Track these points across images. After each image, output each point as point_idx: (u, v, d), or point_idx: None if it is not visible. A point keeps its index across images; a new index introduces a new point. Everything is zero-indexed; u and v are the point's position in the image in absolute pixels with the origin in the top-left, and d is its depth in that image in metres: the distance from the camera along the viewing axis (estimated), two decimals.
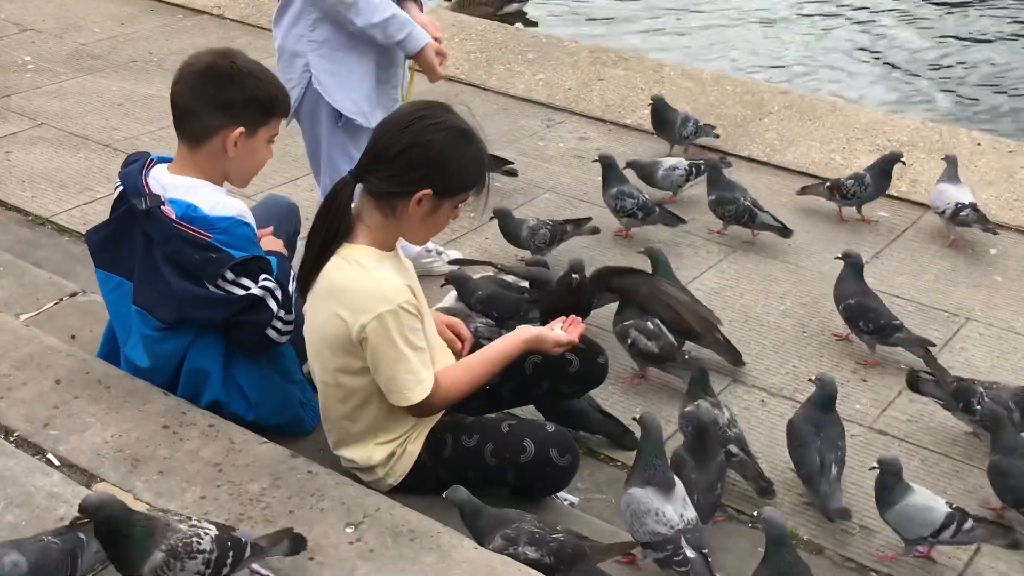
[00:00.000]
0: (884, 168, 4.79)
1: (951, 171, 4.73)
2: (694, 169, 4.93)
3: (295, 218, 3.40)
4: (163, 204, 2.77)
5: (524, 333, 2.80)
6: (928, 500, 2.96)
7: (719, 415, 3.24)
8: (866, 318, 3.85)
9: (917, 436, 3.59)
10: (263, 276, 2.80)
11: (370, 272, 2.56)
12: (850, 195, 4.81)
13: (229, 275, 2.76)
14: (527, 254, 4.37)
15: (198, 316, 2.79)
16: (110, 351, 3.08)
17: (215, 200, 2.81)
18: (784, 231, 4.62)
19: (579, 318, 2.92)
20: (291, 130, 3.83)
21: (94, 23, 6.98)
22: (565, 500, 3.06)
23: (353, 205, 2.64)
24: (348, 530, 2.48)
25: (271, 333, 2.81)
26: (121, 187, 2.88)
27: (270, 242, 3.06)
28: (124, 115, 5.73)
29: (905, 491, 2.94)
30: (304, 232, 3.06)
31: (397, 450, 2.77)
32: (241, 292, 2.77)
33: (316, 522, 2.49)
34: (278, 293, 2.80)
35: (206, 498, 2.54)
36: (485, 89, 6.26)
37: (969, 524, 2.94)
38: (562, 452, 2.77)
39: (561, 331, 2.84)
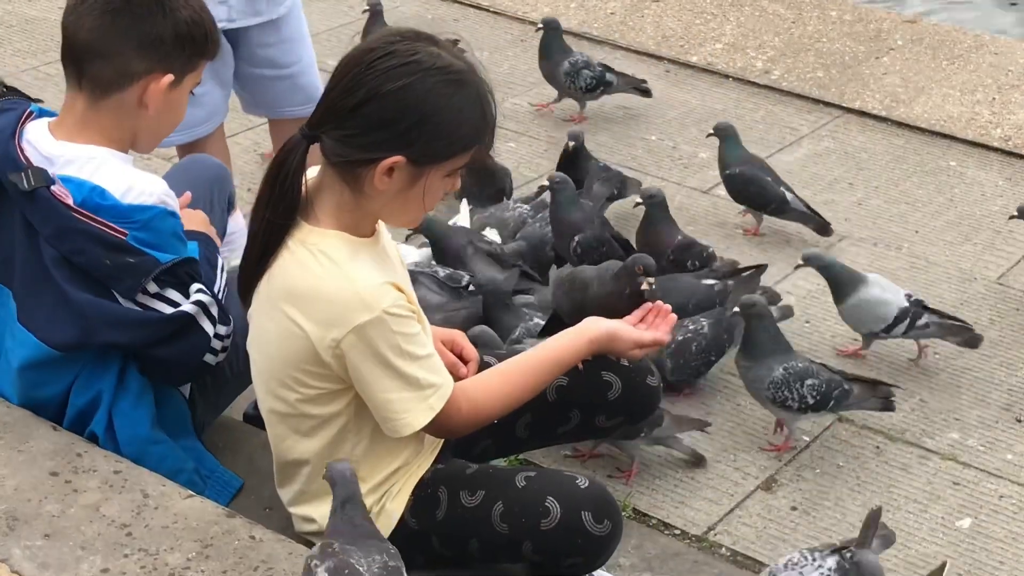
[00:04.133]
0: None
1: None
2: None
3: (226, 185, 3.41)
4: (52, 183, 2.72)
5: (592, 329, 2.81)
6: (883, 293, 3.96)
7: None
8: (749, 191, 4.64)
9: None
10: (195, 287, 2.81)
11: (341, 269, 2.57)
12: None
13: (152, 287, 2.77)
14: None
15: (107, 340, 2.80)
16: None
17: (129, 180, 2.77)
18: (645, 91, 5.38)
19: (668, 307, 2.91)
20: None
21: None
22: None
23: (313, 176, 2.66)
24: None
25: (208, 358, 2.82)
26: None
27: (188, 216, 3.01)
28: None
29: (859, 283, 3.98)
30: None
31: (373, 507, 2.79)
32: (168, 310, 2.79)
33: None
34: (213, 309, 2.80)
35: (109, 571, 2.56)
36: (495, 13, 6.30)
37: (924, 320, 3.98)
38: (599, 517, 2.78)
39: (643, 328, 2.85)
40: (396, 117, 2.52)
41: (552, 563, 2.84)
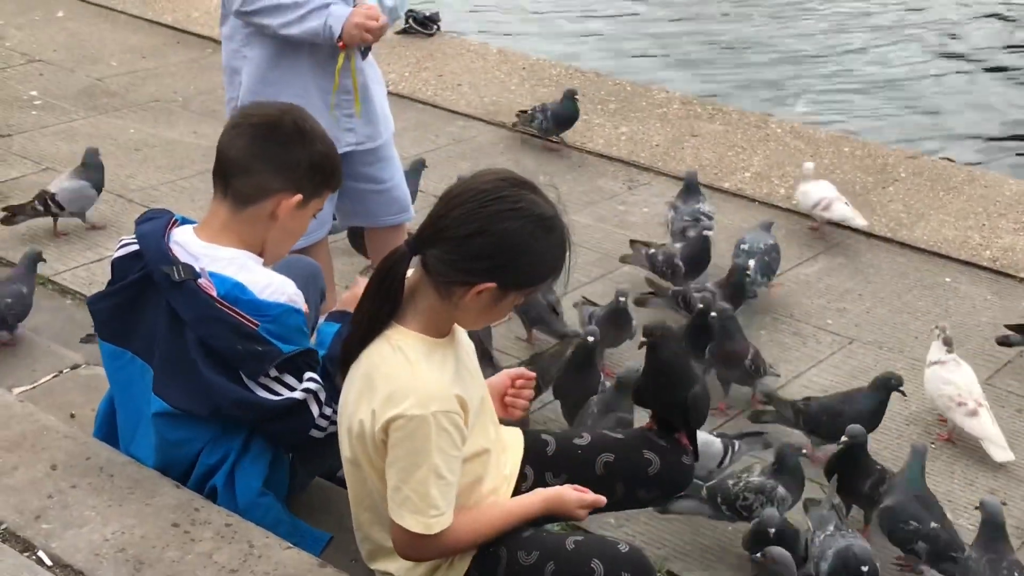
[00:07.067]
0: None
1: None
2: None
3: (319, 280, 3.45)
4: (200, 277, 2.78)
5: (545, 491, 2.83)
6: None
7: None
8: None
9: None
10: (308, 375, 2.83)
11: (413, 366, 2.57)
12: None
13: (272, 372, 2.79)
14: None
15: (229, 414, 2.83)
16: (108, 433, 3.12)
17: (267, 280, 2.82)
18: None
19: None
20: None
21: (111, 55, 7.22)
22: None
23: (408, 276, 2.67)
24: None
25: (314, 433, 2.84)
26: (130, 247, 2.91)
27: (351, 296, 3.04)
28: (142, 161, 5.89)
29: None
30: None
31: (442, 564, 2.77)
32: (284, 392, 2.80)
33: None
34: (322, 394, 2.83)
35: None
36: (557, 142, 6.35)
37: None
38: None
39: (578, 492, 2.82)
40: (497, 252, 2.54)
41: None
